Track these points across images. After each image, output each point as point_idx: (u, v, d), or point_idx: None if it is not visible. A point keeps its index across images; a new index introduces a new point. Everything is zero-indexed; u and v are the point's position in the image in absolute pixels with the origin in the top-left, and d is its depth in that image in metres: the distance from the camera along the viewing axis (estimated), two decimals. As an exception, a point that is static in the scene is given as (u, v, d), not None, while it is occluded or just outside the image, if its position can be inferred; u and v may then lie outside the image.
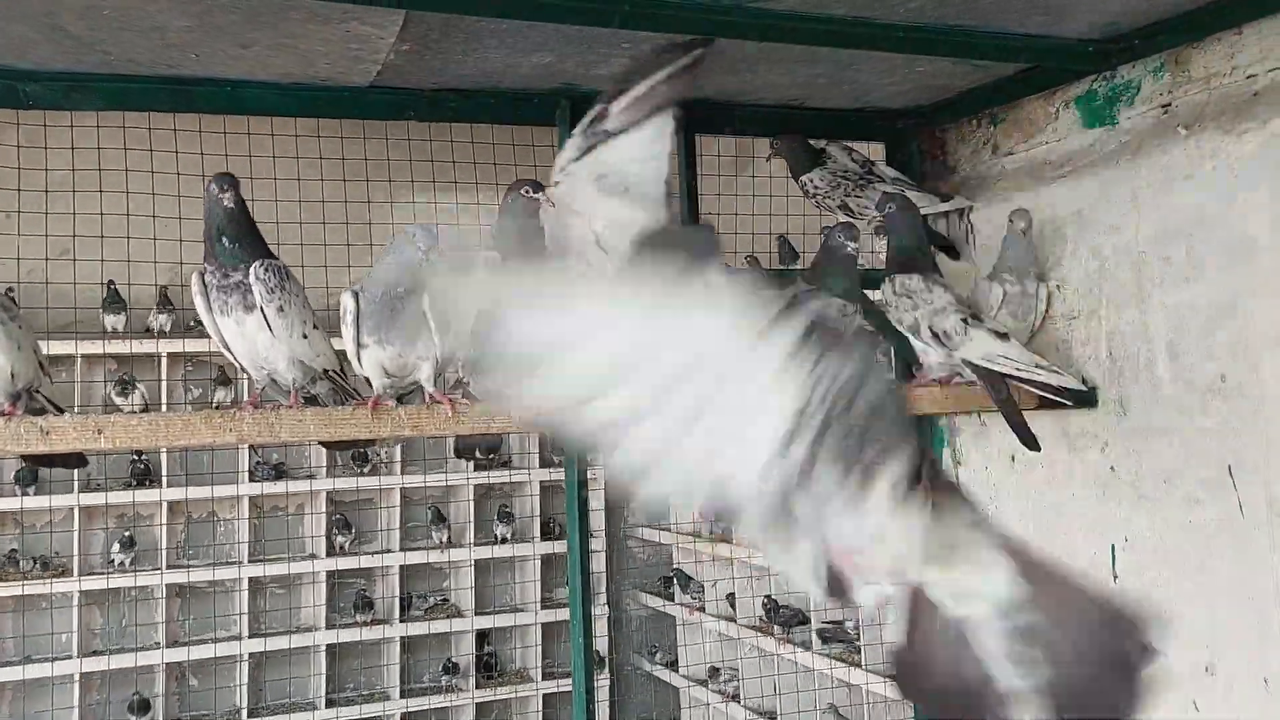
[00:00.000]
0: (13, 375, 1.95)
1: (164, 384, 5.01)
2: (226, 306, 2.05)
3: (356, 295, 2.09)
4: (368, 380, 2.18)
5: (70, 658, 4.91)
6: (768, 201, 3.15)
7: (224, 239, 2.04)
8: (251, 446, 5.01)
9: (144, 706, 4.94)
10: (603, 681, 5.68)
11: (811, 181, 2.85)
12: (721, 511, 1.10)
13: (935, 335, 2.48)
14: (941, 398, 2.54)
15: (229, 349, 2.12)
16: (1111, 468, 2.52)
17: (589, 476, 3.84)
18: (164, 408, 5.00)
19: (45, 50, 2.27)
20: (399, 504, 5.51)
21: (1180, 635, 2.36)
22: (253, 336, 2.07)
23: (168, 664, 5.11)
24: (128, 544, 5.05)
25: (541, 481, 5.68)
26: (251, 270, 2.02)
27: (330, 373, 2.21)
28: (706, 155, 3.25)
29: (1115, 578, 2.50)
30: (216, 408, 4.72)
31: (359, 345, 2.10)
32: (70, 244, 2.16)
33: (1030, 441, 2.47)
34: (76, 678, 4.91)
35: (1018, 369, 2.45)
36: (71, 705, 4.90)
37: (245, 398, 2.13)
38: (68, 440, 1.87)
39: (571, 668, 2.80)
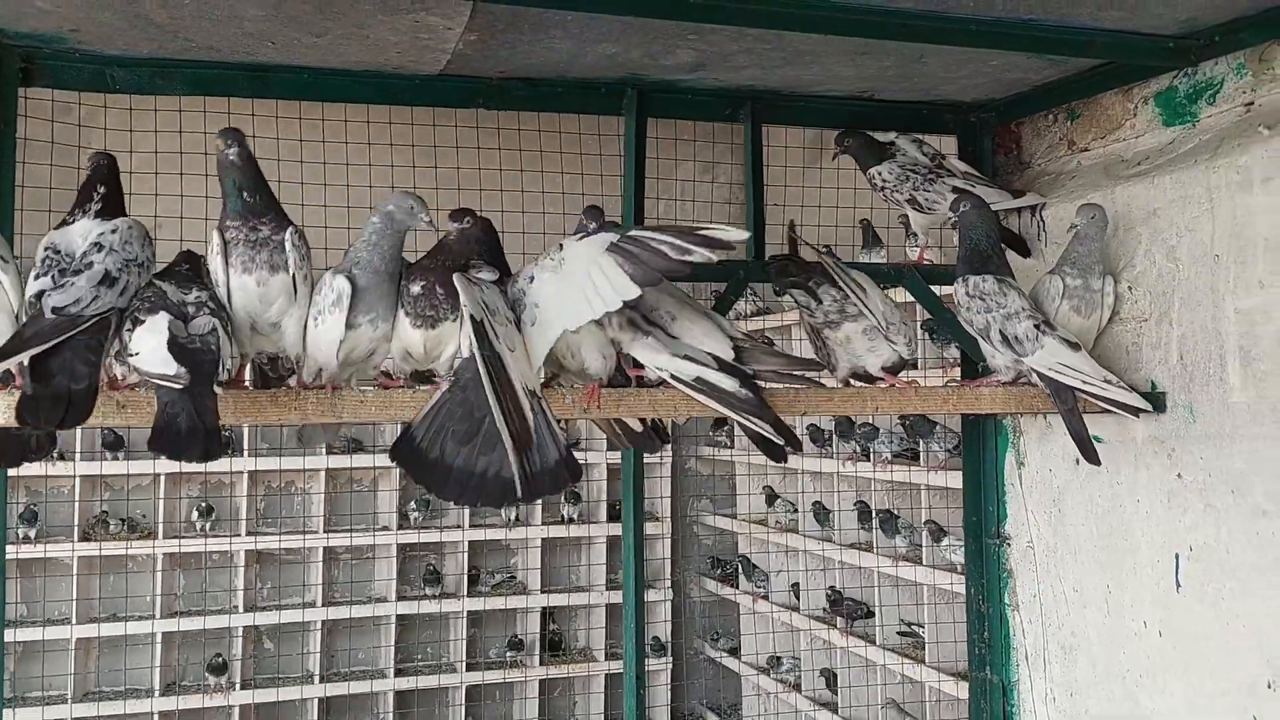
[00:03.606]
0: (17, 319, 1.90)
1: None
2: (252, 264, 1.98)
3: (351, 277, 2.01)
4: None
5: (154, 618, 5.12)
6: (851, 191, 3.12)
7: (243, 193, 2.00)
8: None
9: (222, 668, 5.13)
10: (663, 665, 5.74)
11: (880, 175, 2.81)
12: None
13: (1006, 340, 2.43)
14: (1004, 398, 2.51)
15: (229, 317, 2.00)
16: (1178, 475, 2.45)
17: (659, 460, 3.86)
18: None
19: (131, 37, 2.36)
20: (470, 481, 5.60)
21: (1242, 648, 2.30)
22: (273, 299, 2.01)
23: (245, 627, 5.30)
24: (205, 511, 5.23)
25: (609, 465, 5.73)
26: (287, 236, 1.99)
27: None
28: (778, 145, 3.24)
29: (1179, 586, 2.45)
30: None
31: (349, 326, 2.02)
32: (152, 224, 2.24)
33: (1092, 456, 2.41)
34: (159, 637, 5.12)
35: (1085, 382, 2.39)
36: (154, 663, 5.10)
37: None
38: (143, 414, 1.94)
39: (626, 650, 2.84)
